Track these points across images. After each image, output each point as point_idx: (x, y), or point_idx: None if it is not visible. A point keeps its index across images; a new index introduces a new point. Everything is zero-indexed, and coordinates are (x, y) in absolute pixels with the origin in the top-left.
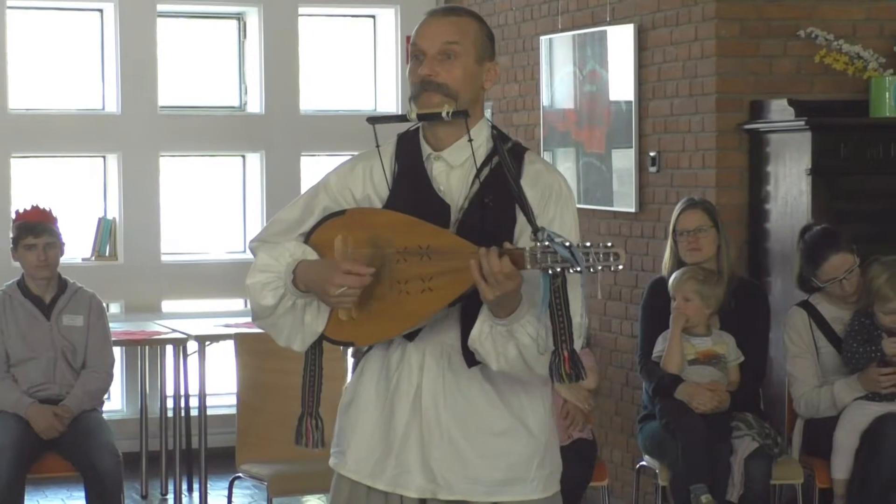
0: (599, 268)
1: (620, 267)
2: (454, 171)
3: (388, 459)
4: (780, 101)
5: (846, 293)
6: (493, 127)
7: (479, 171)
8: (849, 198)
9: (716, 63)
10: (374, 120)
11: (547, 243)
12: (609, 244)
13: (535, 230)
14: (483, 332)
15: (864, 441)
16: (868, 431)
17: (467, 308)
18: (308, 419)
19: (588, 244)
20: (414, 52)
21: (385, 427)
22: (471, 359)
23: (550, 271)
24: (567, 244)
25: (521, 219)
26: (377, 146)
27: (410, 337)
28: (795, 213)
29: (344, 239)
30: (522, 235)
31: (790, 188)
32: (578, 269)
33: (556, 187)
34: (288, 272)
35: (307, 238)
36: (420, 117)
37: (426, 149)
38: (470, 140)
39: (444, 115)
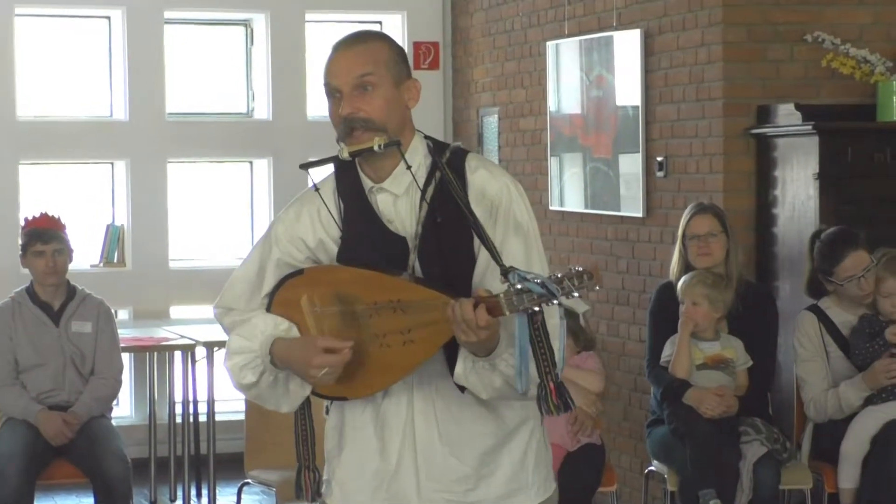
0: (576, 294)
1: (598, 287)
2: (400, 200)
3: (379, 492)
4: (787, 105)
5: (864, 292)
6: (427, 137)
7: (424, 192)
8: (856, 202)
9: (722, 68)
10: (307, 165)
11: (519, 286)
12: (580, 267)
13: (504, 272)
14: (466, 368)
15: (874, 446)
16: (878, 437)
17: (450, 342)
18: (306, 472)
19: (559, 274)
20: (328, 92)
21: (376, 459)
22: (461, 385)
23: (530, 311)
24: (539, 280)
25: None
26: (316, 189)
27: None
28: (803, 218)
29: (309, 299)
30: (482, 248)
31: (797, 192)
32: (556, 301)
33: (505, 195)
34: (264, 352)
35: (270, 300)
36: (352, 154)
37: (367, 182)
38: (408, 167)
39: (375, 148)
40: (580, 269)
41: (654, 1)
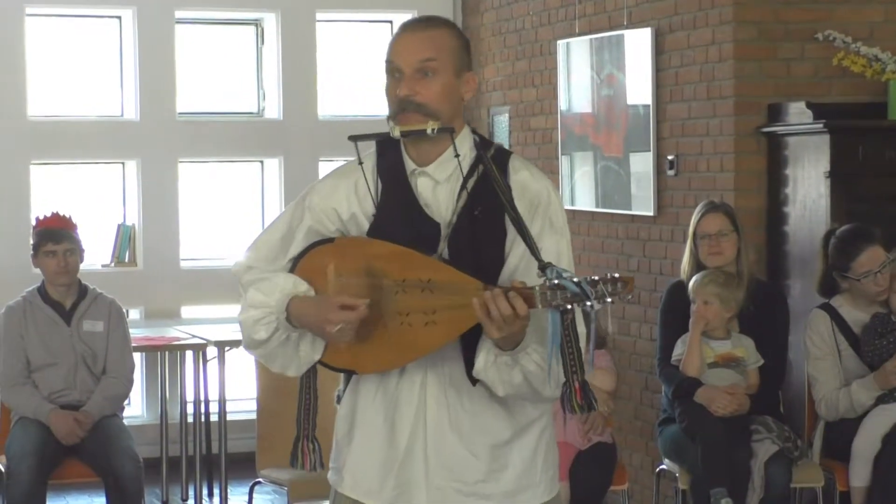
0: (609, 300)
1: (629, 297)
2: (440, 186)
3: (388, 479)
4: (798, 103)
5: (879, 287)
6: (473, 132)
7: (466, 182)
8: (867, 200)
9: (733, 66)
10: (356, 138)
11: (556, 281)
12: (616, 274)
13: (543, 266)
14: (487, 362)
15: (885, 445)
16: (890, 435)
17: (469, 332)
18: (304, 442)
19: (595, 277)
20: (389, 70)
21: (386, 445)
22: (474, 378)
23: (561, 308)
24: (576, 280)
25: (511, 230)
26: (360, 163)
27: None
28: (814, 216)
29: (337, 268)
30: (514, 248)
31: (809, 191)
32: (589, 303)
33: (545, 196)
34: (280, 309)
35: (295, 264)
36: (404, 134)
37: (410, 164)
38: (457, 156)
39: (428, 131)
40: (616, 275)
41: None
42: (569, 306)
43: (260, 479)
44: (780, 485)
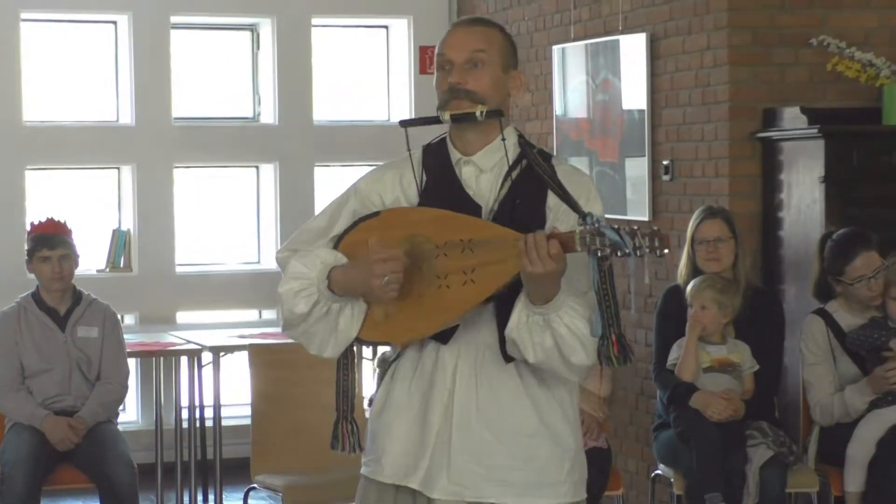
0: (646, 251)
1: (666, 251)
2: (484, 175)
3: (422, 460)
4: (792, 109)
5: (872, 293)
6: (519, 133)
7: (510, 171)
8: (862, 205)
9: (728, 71)
10: (406, 123)
11: (596, 225)
12: (656, 227)
13: (583, 215)
14: (520, 321)
15: (880, 450)
16: (884, 440)
17: (502, 305)
18: (343, 423)
19: (636, 227)
20: (440, 63)
21: (419, 429)
22: (506, 354)
23: (599, 254)
24: (615, 227)
25: (548, 221)
26: (408, 150)
27: (445, 340)
28: (809, 221)
29: (378, 240)
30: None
31: (803, 196)
32: (627, 251)
33: (586, 186)
34: (321, 278)
35: (338, 241)
36: (454, 118)
37: (455, 154)
38: (503, 139)
39: (478, 114)
40: (655, 228)
41: (659, 5)
42: (607, 251)
43: (255, 485)
44: (775, 490)
